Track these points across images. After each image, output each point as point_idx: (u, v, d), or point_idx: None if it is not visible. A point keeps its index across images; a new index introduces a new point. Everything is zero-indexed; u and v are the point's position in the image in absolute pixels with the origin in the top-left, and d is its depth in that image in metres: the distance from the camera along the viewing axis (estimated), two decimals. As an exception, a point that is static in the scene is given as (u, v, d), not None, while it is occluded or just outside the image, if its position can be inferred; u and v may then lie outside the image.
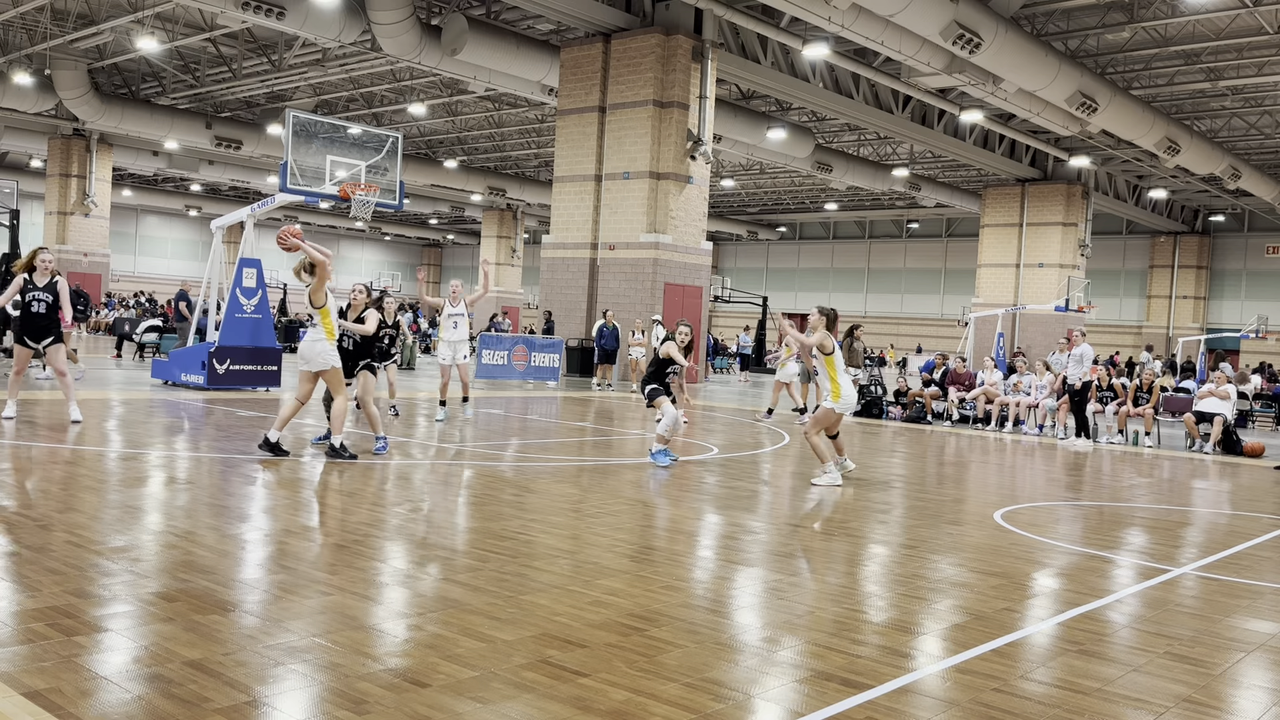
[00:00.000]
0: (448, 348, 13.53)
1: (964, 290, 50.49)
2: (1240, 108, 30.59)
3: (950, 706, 3.92)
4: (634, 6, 24.42)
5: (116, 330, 26.42)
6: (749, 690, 3.98)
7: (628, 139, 24.51)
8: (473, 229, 65.11)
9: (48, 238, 40.05)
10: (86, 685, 3.59)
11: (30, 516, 6.23)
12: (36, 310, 10.67)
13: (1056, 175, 38.25)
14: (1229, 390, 16.15)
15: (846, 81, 28.84)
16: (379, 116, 37.23)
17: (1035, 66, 23.31)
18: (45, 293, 10.69)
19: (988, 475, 11.69)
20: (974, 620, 5.14)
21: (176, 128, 35.65)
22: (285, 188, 14.41)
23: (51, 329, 10.77)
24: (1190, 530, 8.61)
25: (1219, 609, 5.72)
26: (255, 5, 21.98)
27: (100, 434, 10.36)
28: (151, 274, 60.87)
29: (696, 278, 25.43)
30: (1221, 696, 4.25)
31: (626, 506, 7.95)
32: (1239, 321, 45.88)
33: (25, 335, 10.76)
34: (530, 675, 3.97)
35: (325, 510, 7.21)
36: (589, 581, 5.46)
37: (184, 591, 4.82)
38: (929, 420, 18.40)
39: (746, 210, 58.13)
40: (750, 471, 10.59)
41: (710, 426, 15.29)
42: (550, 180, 30.46)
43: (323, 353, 9.33)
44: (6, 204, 22.89)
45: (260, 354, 15.87)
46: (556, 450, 11.36)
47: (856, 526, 7.68)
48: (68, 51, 30.28)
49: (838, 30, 21.01)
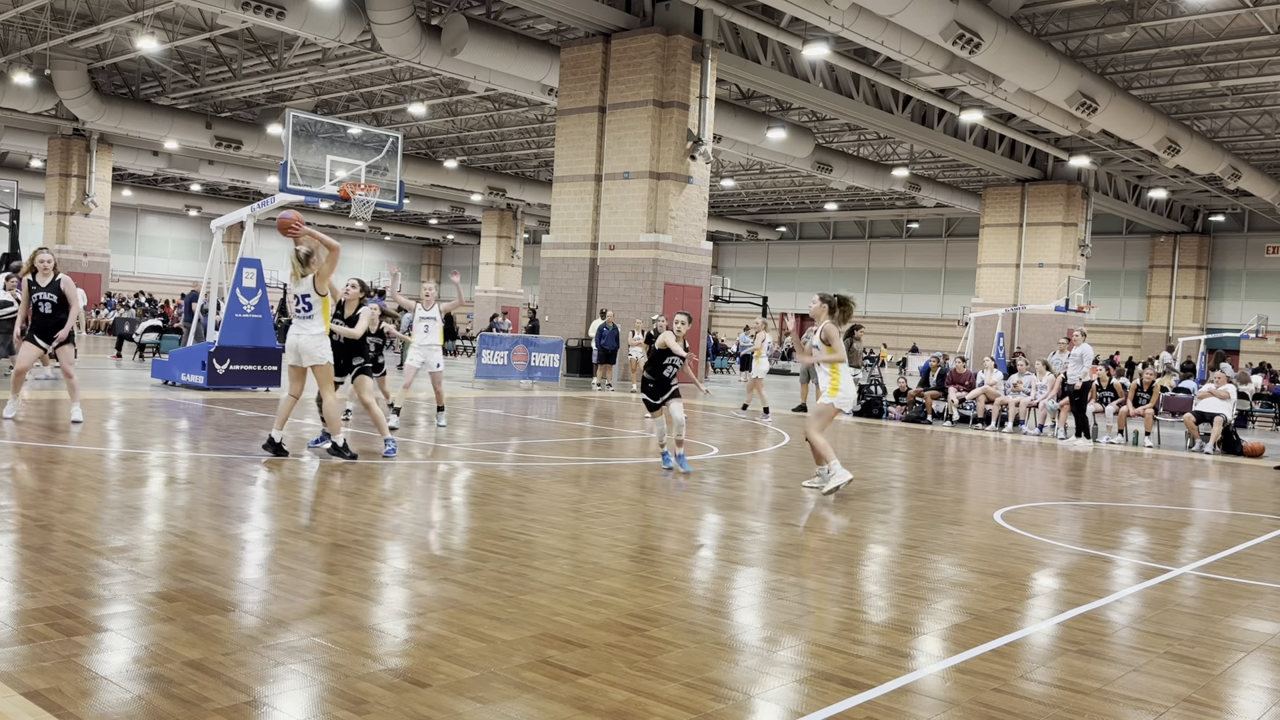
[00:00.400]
0: (419, 352, 12.47)
1: (964, 290, 50.48)
2: (1240, 108, 30.59)
3: (950, 706, 3.92)
4: (634, 6, 24.42)
5: (116, 330, 26.42)
6: (749, 690, 3.98)
7: (628, 139, 24.51)
8: (473, 229, 65.09)
9: (48, 238, 40.03)
10: (86, 685, 3.59)
11: (30, 516, 6.23)
12: (44, 311, 10.75)
13: (1056, 175, 38.24)
14: (1229, 390, 16.15)
15: (846, 81, 28.83)
16: (379, 116, 37.23)
17: (1035, 66, 23.30)
18: (49, 292, 10.75)
19: (988, 475, 11.69)
20: (974, 620, 5.14)
21: (176, 128, 35.65)
22: (285, 188, 14.41)
23: (59, 330, 10.81)
24: (1190, 530, 8.61)
25: (1219, 609, 5.72)
26: (255, 5, 21.98)
27: (100, 434, 10.36)
28: (151, 274, 60.86)
29: (696, 278, 25.42)
30: (1221, 696, 4.25)
31: (626, 506, 7.95)
32: (1239, 321, 45.87)
33: (35, 334, 10.83)
34: (530, 675, 3.97)
35: (325, 510, 7.21)
36: (589, 581, 5.46)
37: (184, 591, 4.82)
38: (929, 420, 18.41)
39: (746, 210, 58.12)
40: (750, 471, 10.58)
41: (710, 427, 15.29)
42: (550, 180, 30.46)
43: (319, 346, 9.13)
44: (6, 204, 22.92)
45: (260, 354, 15.87)
46: (556, 450, 11.36)
47: (856, 526, 7.68)
48: (68, 51, 30.27)
49: (838, 30, 21.01)
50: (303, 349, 9.12)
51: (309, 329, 9.14)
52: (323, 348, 9.15)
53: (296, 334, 9.16)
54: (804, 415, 18.18)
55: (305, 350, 9.11)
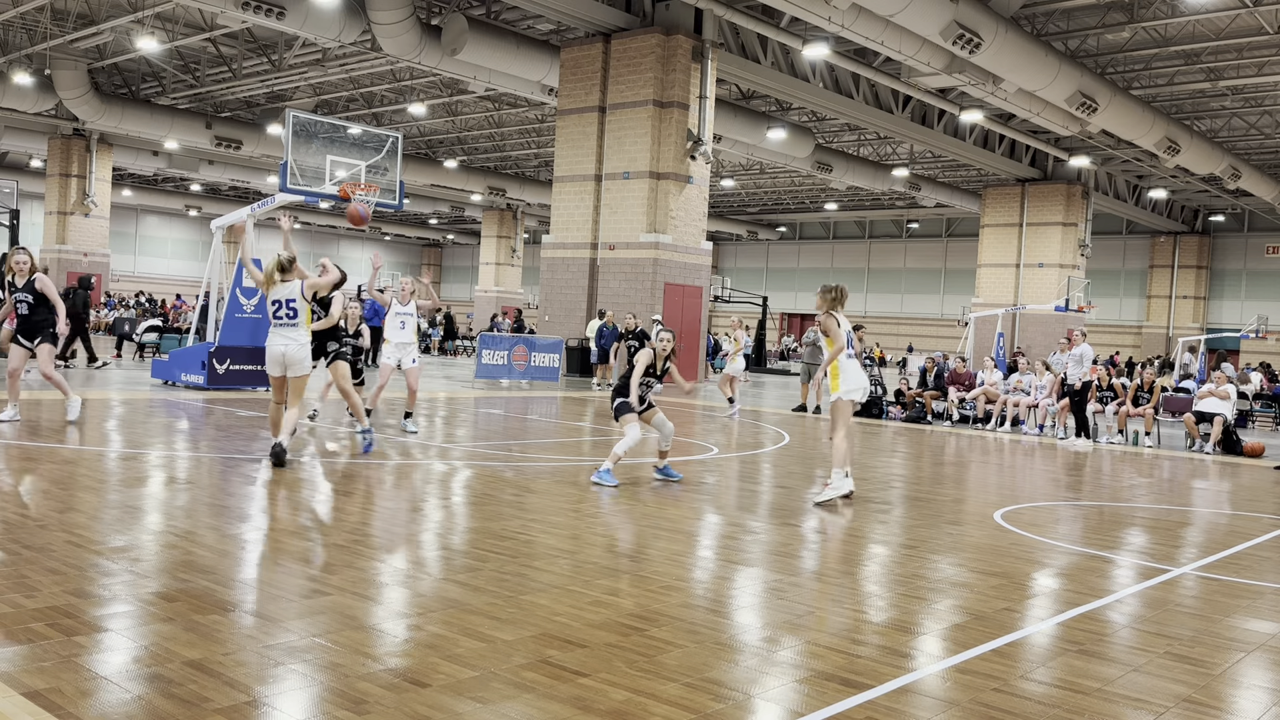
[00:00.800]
0: (395, 349, 11.86)
1: (964, 290, 50.48)
2: (1240, 108, 30.59)
3: (950, 706, 3.92)
4: (634, 6, 24.42)
5: (116, 330, 26.41)
6: (749, 690, 3.98)
7: (628, 139, 24.52)
8: (473, 229, 65.11)
9: (48, 237, 40.06)
10: (86, 685, 3.59)
11: (30, 516, 6.23)
12: (22, 312, 10.81)
13: (1056, 175, 38.25)
14: (1229, 390, 16.15)
15: (846, 81, 28.83)
16: (379, 116, 37.23)
17: (1035, 66, 23.31)
18: (25, 292, 10.78)
19: (988, 475, 11.69)
20: (974, 620, 5.14)
21: (176, 128, 35.65)
22: (285, 188, 14.41)
23: (39, 329, 10.79)
24: (1190, 530, 8.61)
25: (1219, 609, 5.72)
26: (255, 5, 21.99)
27: (100, 434, 10.36)
28: (151, 274, 60.87)
29: (696, 278, 25.43)
30: (1221, 696, 4.25)
31: (627, 506, 7.94)
32: (1239, 321, 45.87)
33: (18, 335, 10.86)
34: (530, 675, 3.97)
35: (325, 510, 7.21)
36: (589, 581, 5.46)
37: (184, 591, 4.81)
38: (929, 420, 18.41)
39: (746, 210, 58.12)
40: (750, 472, 10.58)
41: (710, 427, 15.29)
42: (550, 180, 30.47)
43: (307, 357, 8.78)
44: (6, 204, 22.91)
45: (260, 354, 15.80)
46: (556, 450, 11.36)
47: (856, 526, 7.67)
48: (68, 51, 30.27)
49: (838, 30, 21.01)
50: (291, 360, 8.71)
51: (297, 338, 8.74)
52: (308, 357, 8.82)
53: (284, 344, 8.70)
54: (803, 415, 18.18)
55: (294, 361, 8.72)
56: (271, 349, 8.74)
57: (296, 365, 8.71)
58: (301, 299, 8.74)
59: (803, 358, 19.82)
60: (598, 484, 8.69)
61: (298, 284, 8.78)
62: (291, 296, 8.73)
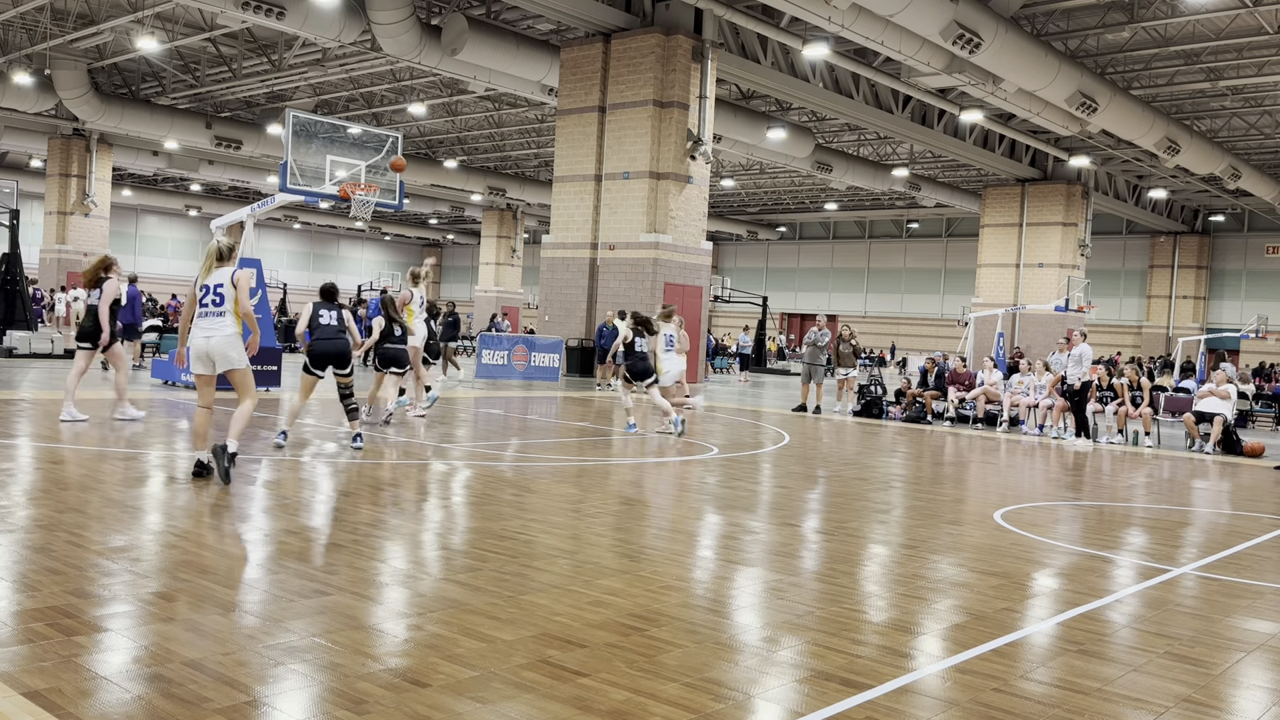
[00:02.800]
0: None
1: (964, 290, 50.48)
2: (1240, 108, 30.59)
3: (950, 706, 3.92)
4: (634, 6, 24.42)
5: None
6: (749, 690, 3.98)
7: (628, 139, 24.51)
8: (473, 229, 65.11)
9: (48, 238, 40.05)
10: (86, 685, 3.59)
11: (30, 516, 6.23)
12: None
13: (1056, 175, 38.24)
14: (1229, 390, 16.15)
15: (846, 81, 28.83)
16: (379, 116, 37.22)
17: (1035, 66, 23.30)
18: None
19: (987, 475, 11.69)
20: (974, 620, 5.14)
21: (176, 128, 35.64)
22: (285, 188, 14.42)
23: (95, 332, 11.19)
24: (1190, 530, 8.61)
25: (1219, 609, 5.72)
26: (255, 5, 21.98)
27: (100, 434, 10.36)
28: (151, 274, 60.81)
29: (696, 278, 25.43)
30: (1221, 696, 4.25)
31: (626, 506, 7.95)
32: (1239, 321, 45.87)
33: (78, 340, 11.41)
34: (530, 675, 3.97)
35: (325, 510, 7.21)
36: (589, 581, 5.46)
37: (184, 591, 4.82)
38: (929, 420, 18.41)
39: (746, 210, 58.12)
40: (750, 472, 10.58)
41: (710, 427, 15.29)
42: (550, 180, 30.46)
43: (234, 347, 7.73)
44: (6, 204, 22.90)
45: (259, 354, 15.83)
46: (556, 450, 11.35)
47: (856, 526, 7.68)
48: (68, 51, 30.27)
49: (838, 30, 21.01)
50: (216, 353, 7.68)
51: (220, 329, 7.67)
52: (238, 348, 7.75)
53: (206, 336, 7.67)
54: (804, 415, 18.19)
55: (220, 354, 7.69)
56: (194, 344, 7.71)
57: (224, 359, 7.71)
58: (230, 285, 7.76)
59: (803, 358, 19.82)
60: (668, 432, 12.09)
61: (229, 270, 7.88)
62: (219, 282, 7.79)
